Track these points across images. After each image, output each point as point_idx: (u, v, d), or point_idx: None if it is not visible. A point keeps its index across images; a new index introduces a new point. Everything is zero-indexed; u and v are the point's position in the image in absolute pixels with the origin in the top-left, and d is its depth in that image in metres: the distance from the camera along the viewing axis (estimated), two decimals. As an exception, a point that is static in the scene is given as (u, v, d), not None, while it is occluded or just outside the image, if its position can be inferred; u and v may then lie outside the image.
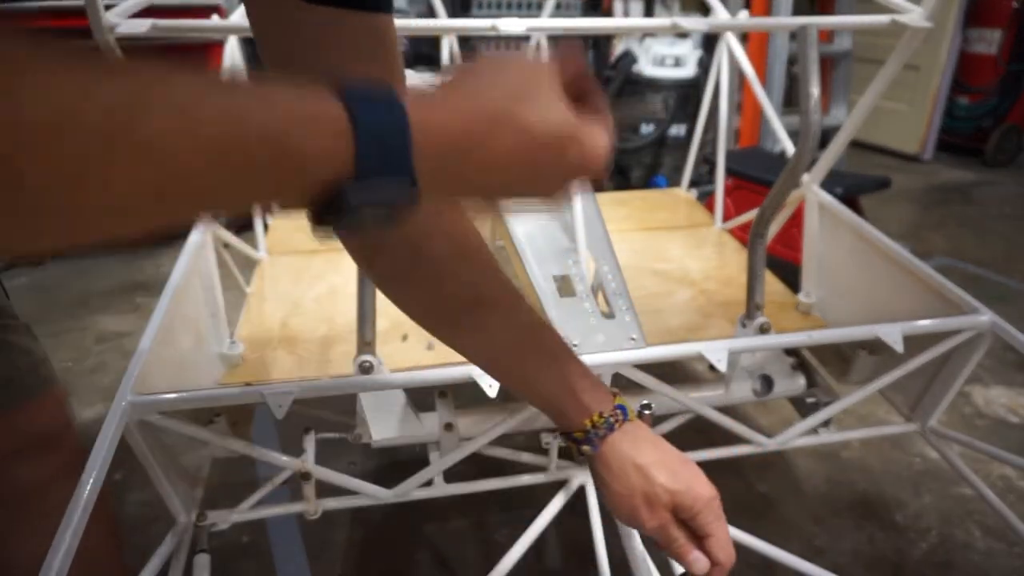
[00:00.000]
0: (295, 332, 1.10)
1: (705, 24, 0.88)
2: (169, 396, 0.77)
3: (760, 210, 1.20)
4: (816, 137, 1.05)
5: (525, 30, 0.84)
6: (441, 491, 0.99)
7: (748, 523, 0.88)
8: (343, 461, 1.09)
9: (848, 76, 3.31)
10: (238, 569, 1.29)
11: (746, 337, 1.01)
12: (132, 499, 1.44)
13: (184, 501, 0.86)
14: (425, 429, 0.97)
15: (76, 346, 2.04)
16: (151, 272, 2.53)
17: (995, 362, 1.86)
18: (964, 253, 2.68)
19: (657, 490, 0.55)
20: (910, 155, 3.79)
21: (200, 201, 0.31)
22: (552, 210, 0.41)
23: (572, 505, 1.02)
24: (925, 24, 0.99)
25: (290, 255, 1.38)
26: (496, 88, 0.36)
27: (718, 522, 0.56)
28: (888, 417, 1.66)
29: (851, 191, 1.93)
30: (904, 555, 1.31)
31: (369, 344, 0.84)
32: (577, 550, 1.32)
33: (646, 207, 1.67)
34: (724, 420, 0.98)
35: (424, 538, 1.35)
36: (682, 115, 2.98)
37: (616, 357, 0.85)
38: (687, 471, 0.57)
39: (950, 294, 1.02)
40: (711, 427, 1.00)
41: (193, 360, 0.98)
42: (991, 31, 3.53)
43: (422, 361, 1.01)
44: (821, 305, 1.27)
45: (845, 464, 1.57)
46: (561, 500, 1.01)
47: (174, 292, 0.91)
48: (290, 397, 0.77)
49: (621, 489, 0.56)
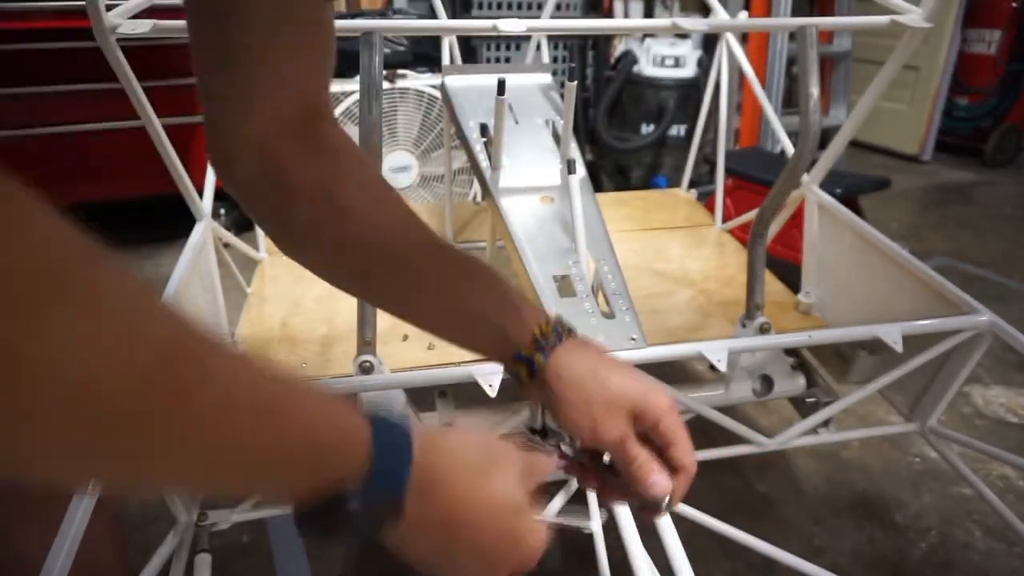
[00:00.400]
0: (295, 332, 1.10)
1: (705, 24, 0.88)
2: (170, 396, 0.77)
3: (760, 210, 1.20)
4: (816, 137, 1.05)
5: (525, 30, 0.84)
6: (441, 491, 0.99)
7: (748, 523, 0.88)
8: (343, 461, 1.09)
9: (848, 76, 3.31)
10: (238, 569, 1.29)
11: (746, 337, 1.01)
12: (133, 499, 1.44)
13: (185, 501, 0.87)
14: (425, 429, 0.97)
15: (76, 346, 2.04)
16: (151, 272, 2.53)
17: (994, 362, 1.86)
18: (964, 253, 2.68)
19: (615, 396, 0.50)
20: (910, 155, 3.79)
21: (220, 482, 0.34)
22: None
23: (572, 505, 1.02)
24: (924, 24, 0.99)
25: (290, 255, 1.38)
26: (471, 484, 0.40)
27: (680, 429, 0.51)
28: (888, 417, 1.66)
29: (851, 191, 1.93)
30: (904, 555, 1.31)
31: (369, 344, 0.84)
32: (577, 550, 1.32)
33: (646, 207, 1.67)
34: (724, 420, 0.98)
35: (424, 538, 1.35)
36: (682, 115, 2.98)
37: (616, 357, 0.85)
38: (643, 378, 0.52)
39: (950, 294, 1.02)
40: (711, 427, 1.00)
41: (193, 360, 0.98)
42: (990, 31, 3.53)
43: (422, 361, 1.02)
44: (821, 305, 1.27)
45: (845, 464, 1.57)
46: (561, 500, 1.02)
47: (174, 292, 0.91)
48: (290, 397, 0.77)
49: (578, 398, 0.50)
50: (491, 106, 1.10)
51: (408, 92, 2.65)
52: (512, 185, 1.05)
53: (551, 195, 1.04)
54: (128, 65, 0.81)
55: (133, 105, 0.87)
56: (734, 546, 0.98)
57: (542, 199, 1.04)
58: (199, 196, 1.10)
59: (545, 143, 1.12)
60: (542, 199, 1.04)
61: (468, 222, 1.54)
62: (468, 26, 1.21)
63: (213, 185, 1.15)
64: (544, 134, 1.14)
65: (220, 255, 1.14)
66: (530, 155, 1.10)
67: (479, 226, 1.52)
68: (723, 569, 1.27)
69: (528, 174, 1.07)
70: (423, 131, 2.72)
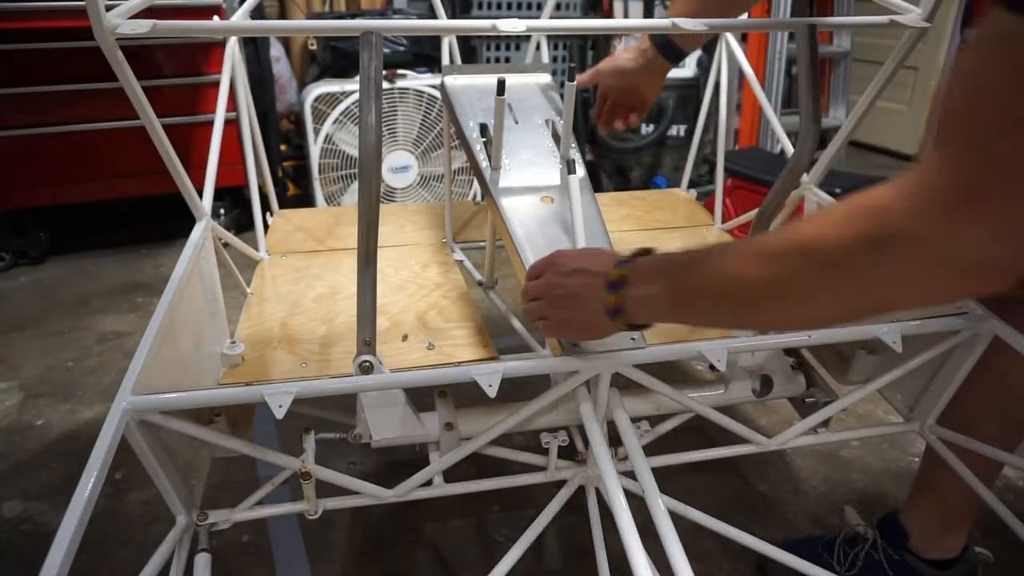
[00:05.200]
0: (295, 332, 1.10)
1: (705, 25, 0.88)
2: (169, 396, 0.77)
3: (760, 210, 1.20)
4: (815, 137, 1.05)
5: (525, 30, 0.84)
6: (441, 491, 0.99)
7: (748, 523, 0.89)
8: (343, 461, 1.09)
9: (848, 76, 3.31)
10: (238, 569, 1.29)
11: (745, 337, 1.01)
12: (132, 499, 1.44)
13: (184, 501, 0.87)
14: (425, 429, 0.97)
15: (76, 346, 2.04)
16: (151, 272, 2.53)
17: (994, 362, 1.85)
18: (963, 253, 2.68)
19: None
20: (909, 155, 3.79)
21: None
22: None
23: (572, 505, 1.02)
24: (923, 24, 0.99)
25: (290, 255, 1.38)
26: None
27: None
28: (887, 417, 1.66)
29: (850, 191, 1.93)
30: (903, 555, 1.31)
31: (369, 344, 0.84)
32: (577, 550, 1.32)
33: (646, 207, 1.67)
34: (724, 420, 0.98)
35: (424, 538, 1.35)
36: (682, 115, 2.98)
37: (616, 357, 0.85)
38: None
39: (949, 294, 1.02)
40: (711, 427, 1.00)
41: (193, 360, 0.98)
42: (991, 31, 3.52)
43: (422, 361, 1.02)
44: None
45: (844, 464, 1.57)
46: (561, 500, 1.02)
47: (174, 292, 0.91)
48: (290, 397, 0.77)
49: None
50: (491, 106, 1.10)
51: (408, 92, 2.65)
52: (512, 185, 1.05)
53: (551, 195, 1.04)
54: (128, 65, 0.81)
55: (133, 105, 0.86)
56: (734, 546, 0.98)
57: (542, 199, 1.04)
58: (199, 196, 1.10)
59: (545, 143, 1.12)
60: (542, 199, 1.04)
61: (468, 222, 1.54)
62: (468, 26, 1.21)
63: (213, 185, 1.15)
64: (544, 134, 1.14)
65: (220, 255, 1.14)
66: (530, 155, 1.10)
67: (479, 226, 1.52)
68: (723, 569, 1.27)
69: (528, 174, 1.07)
70: (423, 131, 2.72)
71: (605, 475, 0.78)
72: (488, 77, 1.23)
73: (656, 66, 1.07)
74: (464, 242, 1.46)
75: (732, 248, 0.63)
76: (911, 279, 0.52)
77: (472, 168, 1.11)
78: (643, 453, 0.84)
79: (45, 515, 1.41)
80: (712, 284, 0.63)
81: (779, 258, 0.57)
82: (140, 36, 0.73)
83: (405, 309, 1.16)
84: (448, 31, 1.53)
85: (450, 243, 1.44)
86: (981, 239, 0.47)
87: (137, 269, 2.56)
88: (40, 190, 2.46)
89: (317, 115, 2.63)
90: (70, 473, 1.52)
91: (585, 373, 0.86)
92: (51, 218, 2.56)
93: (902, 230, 0.50)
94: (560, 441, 1.00)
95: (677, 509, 0.92)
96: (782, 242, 0.58)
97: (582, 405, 0.88)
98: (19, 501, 1.45)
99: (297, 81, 3.06)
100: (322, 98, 2.61)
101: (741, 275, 0.60)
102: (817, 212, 0.73)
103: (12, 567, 1.30)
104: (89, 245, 2.70)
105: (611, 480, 0.77)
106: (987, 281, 0.50)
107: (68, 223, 2.72)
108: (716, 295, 0.63)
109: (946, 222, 0.48)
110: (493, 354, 1.04)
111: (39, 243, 2.55)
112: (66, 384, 1.85)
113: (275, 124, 2.82)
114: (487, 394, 0.83)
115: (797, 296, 0.58)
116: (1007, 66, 0.45)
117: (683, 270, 0.67)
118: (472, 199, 1.78)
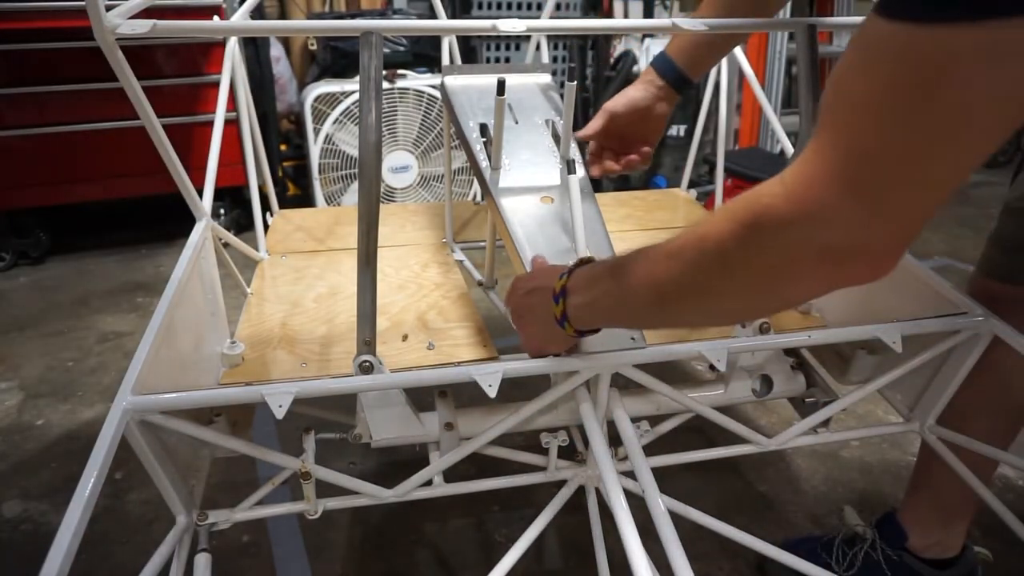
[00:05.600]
0: (295, 332, 1.10)
1: (705, 25, 0.88)
2: (169, 396, 0.77)
3: (760, 210, 1.19)
4: (815, 137, 1.05)
5: (525, 30, 0.84)
6: (441, 491, 0.99)
7: (748, 523, 0.89)
8: (343, 461, 1.09)
9: (848, 76, 3.30)
10: (238, 568, 1.29)
11: (745, 337, 1.01)
12: (132, 499, 1.44)
13: (184, 501, 0.87)
14: (425, 429, 0.97)
15: (76, 346, 2.04)
16: (151, 272, 2.53)
17: (994, 362, 1.85)
18: (963, 253, 2.68)
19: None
20: (909, 155, 3.79)
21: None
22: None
23: (572, 505, 1.02)
24: (924, 25, 0.99)
25: (290, 255, 1.38)
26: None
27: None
28: (887, 417, 1.66)
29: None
30: (903, 555, 1.31)
31: (369, 344, 0.84)
32: (577, 550, 1.33)
33: (646, 207, 1.67)
34: (724, 420, 0.98)
35: (424, 538, 1.35)
36: (682, 115, 2.98)
37: (616, 357, 0.85)
38: None
39: (949, 294, 1.02)
40: (711, 427, 1.00)
41: (193, 360, 0.98)
42: (990, 31, 3.52)
43: (422, 361, 1.02)
44: (820, 305, 1.27)
45: (844, 463, 1.57)
46: (561, 500, 1.02)
47: (174, 292, 0.91)
48: (290, 397, 0.77)
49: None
50: (491, 106, 1.10)
51: (408, 92, 2.65)
52: (512, 185, 1.05)
53: (551, 195, 1.04)
54: (128, 65, 0.81)
55: (133, 105, 0.86)
56: (734, 546, 0.98)
57: (542, 199, 1.04)
58: (199, 196, 1.10)
59: (545, 143, 1.12)
60: (542, 199, 1.04)
61: (468, 222, 1.54)
62: (468, 26, 1.21)
63: (213, 185, 1.15)
64: (544, 134, 1.14)
65: (220, 255, 1.14)
66: (530, 155, 1.10)
67: (479, 226, 1.52)
68: (723, 569, 1.27)
69: (528, 174, 1.07)
70: (423, 131, 2.72)
71: (605, 475, 0.78)
72: (488, 77, 1.23)
73: (665, 94, 1.10)
74: (464, 242, 1.46)
75: (651, 250, 0.65)
76: (790, 265, 0.54)
77: (472, 168, 1.11)
78: (643, 453, 0.84)
79: (45, 515, 1.41)
80: (634, 286, 0.66)
81: (681, 255, 0.61)
82: (140, 36, 0.73)
83: (405, 309, 1.16)
84: (448, 31, 1.53)
85: (450, 243, 1.44)
86: (852, 224, 0.48)
87: (137, 269, 2.56)
88: (40, 190, 2.46)
89: (317, 115, 2.63)
90: (70, 473, 1.52)
91: (585, 373, 0.87)
92: (51, 218, 2.57)
93: (776, 215, 0.51)
94: (560, 441, 1.00)
95: (677, 509, 0.92)
96: (684, 240, 0.61)
97: (582, 405, 0.88)
98: (19, 501, 1.45)
99: (297, 81, 3.06)
100: (322, 98, 2.62)
101: (655, 275, 0.64)
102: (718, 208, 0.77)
103: (12, 567, 1.30)
104: (89, 245, 2.70)
105: (611, 480, 0.77)
106: (863, 268, 0.52)
107: (68, 223, 2.72)
108: (639, 297, 0.67)
109: (817, 205, 0.49)
110: (493, 354, 1.04)
111: (39, 243, 2.55)
112: (66, 384, 1.86)
113: (275, 124, 2.82)
114: (487, 394, 0.83)
115: (699, 289, 0.61)
116: (873, 65, 0.46)
117: (610, 275, 0.70)
118: (472, 199, 1.78)
